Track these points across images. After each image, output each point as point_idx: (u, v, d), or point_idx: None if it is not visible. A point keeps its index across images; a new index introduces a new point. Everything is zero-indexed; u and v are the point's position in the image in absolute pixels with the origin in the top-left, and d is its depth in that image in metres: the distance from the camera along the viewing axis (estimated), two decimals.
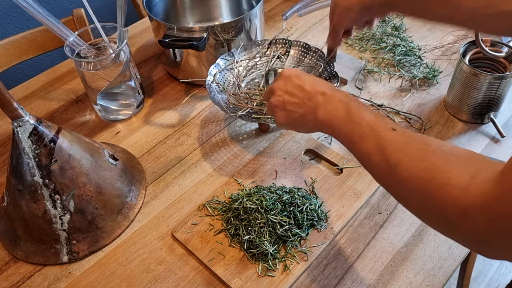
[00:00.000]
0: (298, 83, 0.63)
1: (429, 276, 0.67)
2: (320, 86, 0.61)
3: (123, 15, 0.87)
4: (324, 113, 0.58)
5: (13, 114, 0.66)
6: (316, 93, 0.60)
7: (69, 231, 0.72)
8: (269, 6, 1.27)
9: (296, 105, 0.62)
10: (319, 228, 0.73)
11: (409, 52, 1.04)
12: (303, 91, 0.62)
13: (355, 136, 0.54)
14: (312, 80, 0.63)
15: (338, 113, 0.57)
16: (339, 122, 0.56)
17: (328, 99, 0.59)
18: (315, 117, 0.59)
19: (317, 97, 0.60)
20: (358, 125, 0.54)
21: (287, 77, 0.65)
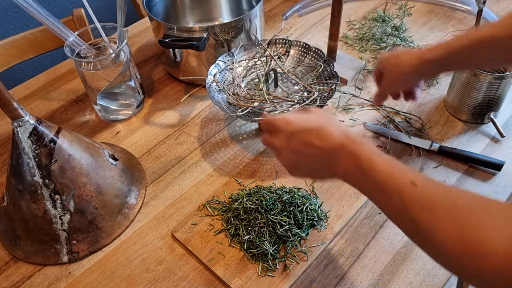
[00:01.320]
0: (303, 139, 0.57)
1: (429, 276, 0.67)
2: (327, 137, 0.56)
3: (123, 15, 0.87)
4: (339, 170, 0.55)
5: (13, 114, 0.66)
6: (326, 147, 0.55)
7: (69, 231, 0.72)
8: (269, 6, 1.27)
9: (311, 162, 0.58)
10: (319, 228, 0.73)
11: None
12: (313, 147, 0.56)
13: (374, 192, 0.51)
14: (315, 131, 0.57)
15: (351, 169, 0.53)
16: (355, 179, 0.53)
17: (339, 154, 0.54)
18: (334, 172, 0.56)
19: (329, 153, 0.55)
20: (374, 180, 0.50)
21: (289, 135, 0.59)
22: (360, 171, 0.52)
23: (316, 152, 0.56)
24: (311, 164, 0.58)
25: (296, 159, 0.59)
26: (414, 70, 0.71)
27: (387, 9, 1.20)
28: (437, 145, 0.82)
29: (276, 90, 0.89)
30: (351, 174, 0.53)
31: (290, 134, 0.58)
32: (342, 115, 0.92)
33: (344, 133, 0.56)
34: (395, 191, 0.48)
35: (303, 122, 0.59)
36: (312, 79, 0.89)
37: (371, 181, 0.50)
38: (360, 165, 0.52)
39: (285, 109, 0.83)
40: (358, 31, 1.13)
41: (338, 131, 0.56)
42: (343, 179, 0.56)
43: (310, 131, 0.57)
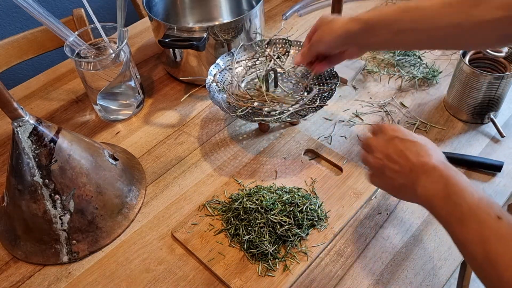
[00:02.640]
0: (401, 148, 0.57)
1: (429, 276, 0.67)
2: (425, 156, 0.55)
3: (123, 15, 0.87)
4: (423, 190, 0.53)
5: (13, 114, 0.66)
6: (418, 164, 0.55)
7: (69, 231, 0.72)
8: (269, 6, 1.27)
9: (397, 173, 0.57)
10: (319, 228, 0.73)
11: (408, 52, 1.04)
12: (405, 159, 0.56)
13: (453, 219, 0.49)
14: (416, 145, 0.57)
15: (437, 191, 0.52)
16: (438, 202, 0.52)
17: (430, 174, 0.53)
18: (415, 191, 0.54)
19: (418, 169, 0.54)
20: (458, 206, 0.49)
21: (390, 139, 0.59)
22: (445, 195, 0.51)
23: (406, 165, 0.56)
24: (396, 177, 0.57)
25: (384, 165, 0.58)
26: (342, 29, 0.68)
27: None
28: None
29: (276, 90, 0.89)
30: (435, 196, 0.52)
31: (392, 138, 0.59)
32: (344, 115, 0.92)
33: (442, 159, 0.55)
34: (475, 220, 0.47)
35: (409, 134, 0.59)
36: (312, 79, 0.90)
37: (453, 206, 0.49)
38: (448, 188, 0.51)
39: (284, 109, 0.83)
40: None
41: (437, 155, 0.56)
42: (422, 200, 0.54)
43: (411, 143, 0.57)
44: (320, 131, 0.90)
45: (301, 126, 0.91)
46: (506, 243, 0.43)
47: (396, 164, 0.57)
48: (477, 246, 0.46)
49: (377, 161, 0.59)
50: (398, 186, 0.57)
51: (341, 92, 0.98)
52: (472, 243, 0.47)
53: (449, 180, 0.52)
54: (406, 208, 0.76)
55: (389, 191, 0.61)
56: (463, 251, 0.49)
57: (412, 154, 0.56)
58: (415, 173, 0.55)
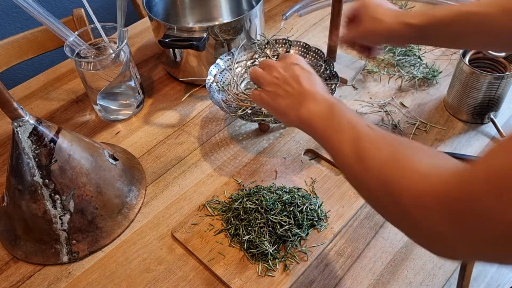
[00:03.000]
0: (297, 73, 0.61)
1: (429, 276, 0.67)
2: (315, 85, 0.60)
3: (123, 15, 0.87)
4: (307, 111, 0.58)
5: (13, 114, 0.66)
6: (309, 91, 0.59)
7: (69, 231, 0.72)
8: (269, 6, 1.27)
9: (286, 93, 0.61)
10: (319, 228, 0.73)
11: (409, 52, 1.04)
12: (298, 84, 0.60)
13: (332, 129, 0.54)
14: (312, 76, 0.62)
15: (320, 109, 0.57)
16: (319, 118, 0.56)
17: (316, 98, 0.58)
18: (298, 111, 0.59)
19: (307, 95, 0.59)
20: (336, 121, 0.54)
21: (291, 64, 0.63)
22: (328, 114, 0.55)
23: (298, 89, 0.60)
24: (285, 96, 0.61)
25: (278, 84, 0.62)
26: (393, 31, 0.69)
27: None
28: None
29: None
30: (317, 116, 0.56)
31: (293, 64, 0.63)
32: None
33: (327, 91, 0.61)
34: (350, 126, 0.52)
35: (306, 65, 0.64)
36: None
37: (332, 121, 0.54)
38: (331, 109, 0.56)
39: None
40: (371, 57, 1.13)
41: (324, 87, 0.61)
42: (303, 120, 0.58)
43: (308, 73, 0.62)
44: None
45: None
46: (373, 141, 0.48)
47: (289, 86, 0.61)
48: (351, 147, 0.50)
49: (273, 79, 0.63)
50: (285, 105, 0.61)
51: (341, 92, 0.98)
52: (346, 145, 0.51)
53: (332, 103, 0.57)
54: None
55: (272, 110, 0.64)
56: (338, 158, 0.53)
57: (305, 81, 0.61)
58: (303, 96, 0.59)
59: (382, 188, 0.44)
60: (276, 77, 0.63)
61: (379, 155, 0.46)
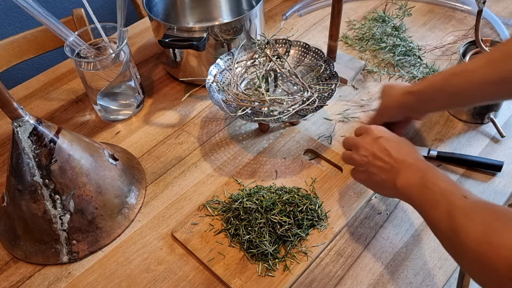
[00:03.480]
0: (385, 147, 0.63)
1: (429, 276, 0.67)
2: (405, 153, 0.62)
3: (123, 15, 0.87)
4: (403, 182, 0.59)
5: (13, 114, 0.66)
6: (400, 161, 0.61)
7: (69, 231, 0.72)
8: (269, 6, 1.27)
9: (380, 169, 0.63)
10: (319, 228, 0.73)
11: (409, 52, 1.04)
12: (389, 157, 0.62)
13: (428, 203, 0.55)
14: (398, 145, 0.64)
15: (415, 181, 0.58)
16: (415, 190, 0.57)
17: (409, 168, 0.60)
18: (395, 184, 0.60)
19: (400, 165, 0.61)
20: (431, 192, 0.55)
21: (376, 139, 0.65)
22: (422, 184, 0.57)
23: (389, 162, 0.62)
24: (379, 172, 0.63)
25: (369, 162, 0.64)
26: (398, 102, 0.73)
27: (387, 9, 1.20)
28: (434, 152, 0.82)
29: (276, 90, 0.89)
30: (412, 186, 0.58)
31: (378, 138, 0.65)
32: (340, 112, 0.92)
33: (421, 157, 0.62)
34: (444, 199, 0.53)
35: (393, 134, 0.66)
36: (312, 79, 0.90)
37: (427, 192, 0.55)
38: (424, 178, 0.57)
39: (284, 109, 0.83)
40: (358, 31, 1.13)
41: (417, 154, 0.63)
42: (401, 192, 0.60)
43: (394, 143, 0.64)
44: (320, 131, 0.90)
45: (301, 126, 0.91)
46: (468, 215, 0.49)
47: (380, 160, 0.63)
48: (446, 222, 0.51)
49: (363, 158, 0.65)
50: (381, 181, 0.63)
51: (341, 92, 0.98)
52: (442, 221, 0.52)
53: (425, 172, 0.58)
54: (406, 208, 0.76)
55: (371, 186, 0.67)
56: (435, 231, 0.54)
57: (395, 152, 0.62)
58: (396, 168, 0.61)
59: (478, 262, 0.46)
60: (365, 155, 0.65)
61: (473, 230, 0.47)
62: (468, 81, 0.64)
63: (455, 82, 0.66)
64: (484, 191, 0.77)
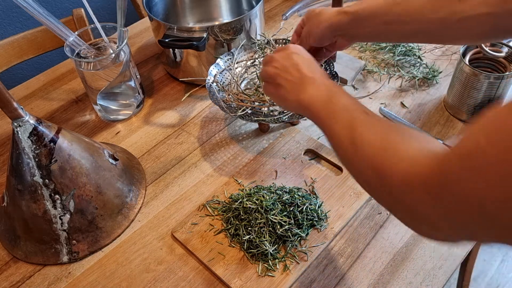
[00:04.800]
0: (297, 62, 0.64)
1: (429, 276, 0.67)
2: (315, 71, 0.63)
3: (123, 15, 0.87)
4: (307, 96, 0.60)
5: (13, 114, 0.66)
6: (308, 77, 0.62)
7: (69, 231, 0.72)
8: (269, 6, 1.27)
9: (287, 81, 0.63)
10: (319, 228, 0.73)
11: (408, 52, 1.04)
12: (298, 71, 0.63)
13: (330, 117, 0.56)
14: (310, 63, 0.64)
15: (320, 96, 0.59)
16: (318, 105, 0.58)
17: (317, 84, 0.60)
18: (298, 97, 0.61)
19: (307, 81, 0.61)
20: (335, 106, 0.56)
21: (289, 54, 0.66)
22: (326, 99, 0.58)
23: (298, 76, 0.63)
24: (286, 84, 0.63)
25: (278, 74, 0.64)
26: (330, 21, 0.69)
27: None
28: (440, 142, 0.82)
29: None
30: (317, 101, 0.59)
31: (292, 54, 0.65)
32: None
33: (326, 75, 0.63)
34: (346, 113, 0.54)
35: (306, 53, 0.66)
36: None
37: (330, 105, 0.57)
38: (330, 94, 0.58)
39: None
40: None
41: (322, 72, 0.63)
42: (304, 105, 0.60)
43: (306, 60, 0.64)
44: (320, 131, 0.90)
45: (301, 126, 0.91)
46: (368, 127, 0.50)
47: (289, 74, 0.64)
48: (345, 133, 0.52)
49: (274, 70, 0.65)
50: (286, 93, 0.63)
51: None
52: (341, 130, 0.53)
53: (330, 88, 0.59)
54: None
55: (276, 100, 0.67)
56: (333, 141, 0.55)
57: (305, 68, 0.63)
58: (303, 82, 0.62)
59: (374, 172, 0.46)
60: (276, 67, 0.65)
61: (372, 140, 0.48)
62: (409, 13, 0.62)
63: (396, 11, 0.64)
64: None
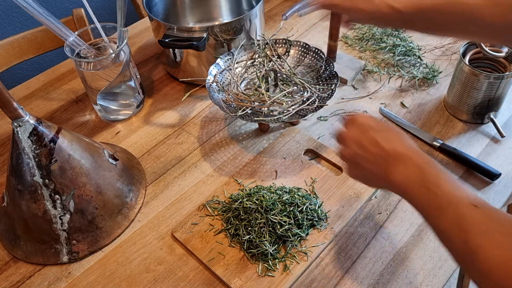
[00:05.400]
0: (373, 137, 0.58)
1: (429, 276, 0.67)
2: (398, 144, 0.57)
3: (123, 15, 0.87)
4: (398, 176, 0.54)
5: (13, 114, 0.66)
6: (392, 152, 0.56)
7: (69, 231, 0.72)
8: (269, 6, 1.27)
9: (369, 162, 0.58)
10: (319, 228, 0.73)
11: (409, 52, 1.04)
12: (378, 148, 0.57)
13: (431, 208, 0.51)
14: (389, 135, 0.58)
15: (413, 178, 0.53)
16: (414, 189, 0.53)
17: (404, 162, 0.55)
18: (388, 178, 0.56)
19: (392, 157, 0.56)
20: (434, 195, 0.51)
21: (364, 130, 0.60)
22: (422, 183, 0.52)
23: (380, 154, 0.57)
24: (370, 166, 0.58)
25: (358, 155, 0.59)
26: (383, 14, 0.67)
27: None
28: (439, 142, 0.83)
29: (276, 90, 0.89)
30: (411, 183, 0.53)
31: (366, 129, 0.59)
32: None
33: (412, 145, 0.57)
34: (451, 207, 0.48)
35: (381, 123, 0.61)
36: (312, 79, 0.90)
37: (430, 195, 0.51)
38: (425, 177, 0.52)
39: (284, 109, 0.83)
40: (358, 31, 1.13)
41: (409, 142, 0.57)
42: (397, 187, 0.55)
43: (384, 132, 0.58)
44: (320, 131, 0.90)
45: (301, 126, 0.91)
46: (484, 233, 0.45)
47: (369, 153, 0.58)
48: (457, 235, 0.47)
49: (351, 152, 0.60)
50: (372, 174, 0.58)
51: (341, 92, 0.98)
52: (451, 233, 0.48)
53: (425, 169, 0.53)
54: (406, 208, 0.76)
55: (365, 182, 0.62)
56: (443, 239, 0.50)
57: (385, 143, 0.57)
58: (388, 160, 0.56)
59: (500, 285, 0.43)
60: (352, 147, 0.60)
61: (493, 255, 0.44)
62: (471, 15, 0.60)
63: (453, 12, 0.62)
64: (484, 191, 0.77)
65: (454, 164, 0.81)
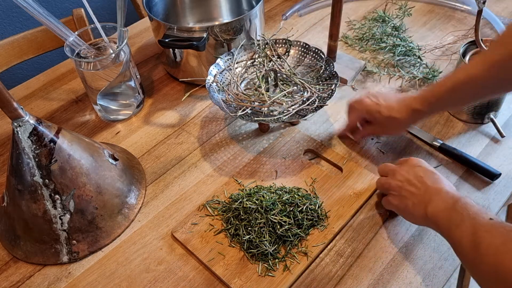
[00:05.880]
0: (420, 175, 0.67)
1: (429, 276, 0.67)
2: (440, 183, 0.65)
3: (123, 15, 0.87)
4: (433, 208, 0.62)
5: (13, 114, 0.66)
6: (433, 187, 0.64)
7: (69, 231, 0.72)
8: (269, 6, 1.27)
9: (412, 194, 0.66)
10: (319, 228, 0.73)
11: (409, 52, 1.04)
12: (422, 183, 0.65)
13: (453, 223, 0.58)
14: (434, 175, 0.66)
15: (445, 205, 0.61)
16: (443, 214, 0.60)
17: (441, 195, 0.62)
18: (425, 211, 0.63)
19: (432, 193, 0.63)
20: (458, 214, 0.58)
21: (413, 167, 0.69)
22: (451, 208, 0.59)
23: (422, 188, 0.65)
24: (411, 197, 0.66)
25: (403, 187, 0.67)
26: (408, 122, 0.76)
27: (387, 9, 1.20)
28: (439, 141, 0.83)
29: (276, 90, 0.89)
30: (442, 210, 0.61)
31: (415, 166, 0.69)
32: None
33: (453, 187, 0.65)
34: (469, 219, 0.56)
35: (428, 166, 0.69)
36: (312, 79, 0.90)
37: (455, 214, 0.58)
38: (455, 203, 0.60)
39: (284, 109, 0.83)
40: (358, 31, 1.13)
41: (450, 183, 0.66)
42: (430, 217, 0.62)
43: (430, 173, 0.67)
44: (320, 131, 0.90)
45: (301, 126, 0.91)
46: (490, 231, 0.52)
47: (414, 186, 0.66)
48: (468, 238, 0.54)
49: (397, 183, 0.68)
50: (412, 206, 0.65)
51: (341, 92, 0.98)
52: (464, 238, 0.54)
53: (457, 198, 0.60)
54: None
55: (401, 212, 0.69)
56: (457, 249, 0.57)
57: (429, 180, 0.65)
58: (428, 194, 0.64)
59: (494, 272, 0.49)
60: (400, 180, 0.68)
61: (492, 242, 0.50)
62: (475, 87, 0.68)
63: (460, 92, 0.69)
64: (484, 191, 0.77)
65: (454, 164, 0.82)
